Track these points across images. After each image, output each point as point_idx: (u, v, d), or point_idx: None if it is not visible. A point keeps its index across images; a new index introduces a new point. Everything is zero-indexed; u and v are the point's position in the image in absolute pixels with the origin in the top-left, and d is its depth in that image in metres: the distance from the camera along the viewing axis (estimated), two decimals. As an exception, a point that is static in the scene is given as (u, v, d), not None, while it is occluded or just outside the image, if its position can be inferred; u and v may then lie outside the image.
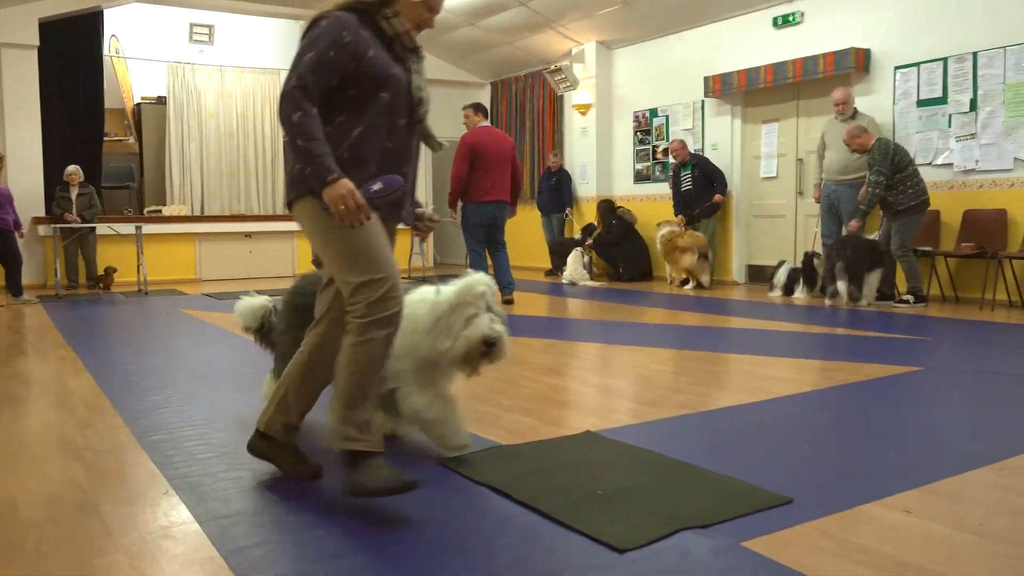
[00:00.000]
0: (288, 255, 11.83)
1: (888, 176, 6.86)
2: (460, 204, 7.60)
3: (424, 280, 9.84)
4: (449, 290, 2.64)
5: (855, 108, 7.63)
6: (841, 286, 7.02)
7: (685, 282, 9.09)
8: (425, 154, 13.06)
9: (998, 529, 2.08)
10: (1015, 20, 6.80)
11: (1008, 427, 3.11)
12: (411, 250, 11.77)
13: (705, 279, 8.90)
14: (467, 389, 3.90)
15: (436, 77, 12.89)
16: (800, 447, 2.90)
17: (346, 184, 2.17)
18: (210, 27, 12.82)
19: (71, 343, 5.62)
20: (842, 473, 2.56)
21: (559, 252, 10.85)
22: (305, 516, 2.24)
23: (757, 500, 2.27)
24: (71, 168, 9.88)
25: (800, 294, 7.86)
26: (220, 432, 3.15)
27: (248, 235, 11.59)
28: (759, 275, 9.51)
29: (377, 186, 2.25)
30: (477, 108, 7.59)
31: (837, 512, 2.19)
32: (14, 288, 8.46)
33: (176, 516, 2.28)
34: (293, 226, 11.62)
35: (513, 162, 7.52)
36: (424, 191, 13.13)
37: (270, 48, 13.24)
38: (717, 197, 9.10)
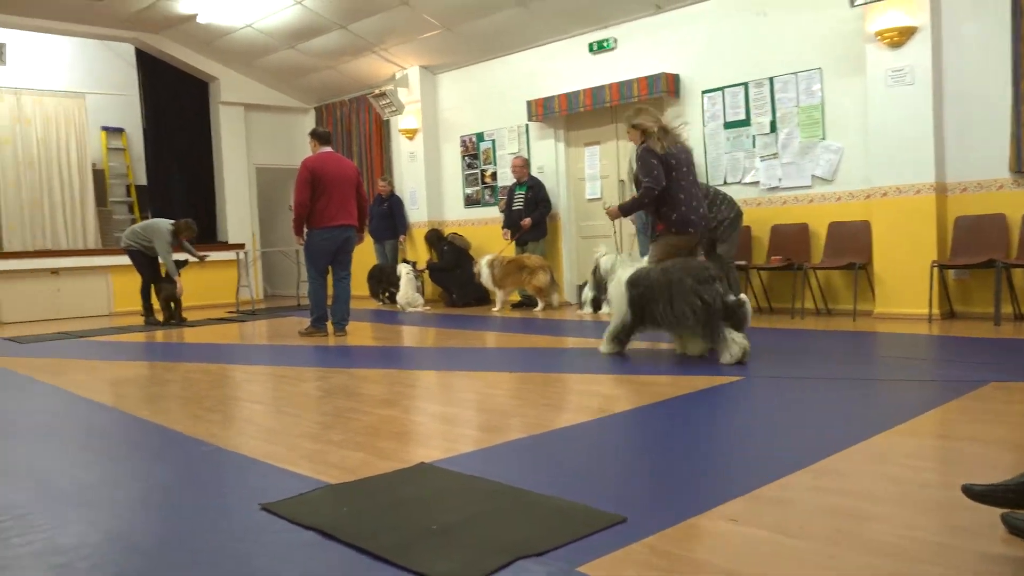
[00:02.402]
0: (103, 291, 11.01)
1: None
2: (305, 230, 7.33)
3: (253, 314, 9.42)
4: None
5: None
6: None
7: (519, 305, 9.18)
8: (250, 180, 12.61)
9: (817, 530, 2.17)
10: (803, 48, 7.37)
11: (822, 429, 3.29)
12: (239, 282, 11.27)
13: (555, 299, 9.04)
14: (296, 425, 3.72)
15: (257, 102, 12.52)
16: (632, 463, 2.94)
17: None
18: (1, 46, 11.83)
19: None
20: (672, 487, 2.62)
21: (379, 278, 10.73)
22: (110, 581, 2.03)
23: (592, 521, 2.27)
24: None
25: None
26: (15, 491, 2.83)
27: (55, 272, 10.70)
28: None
29: None
30: (318, 135, 7.38)
31: (668, 527, 2.21)
32: None
33: (-45, 596, 2.01)
34: (106, 260, 10.92)
35: (358, 188, 7.35)
36: (250, 220, 12.65)
37: (72, 70, 12.38)
38: (525, 221, 9.26)
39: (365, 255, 11.39)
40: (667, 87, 8.20)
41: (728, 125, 7.96)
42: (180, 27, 10.91)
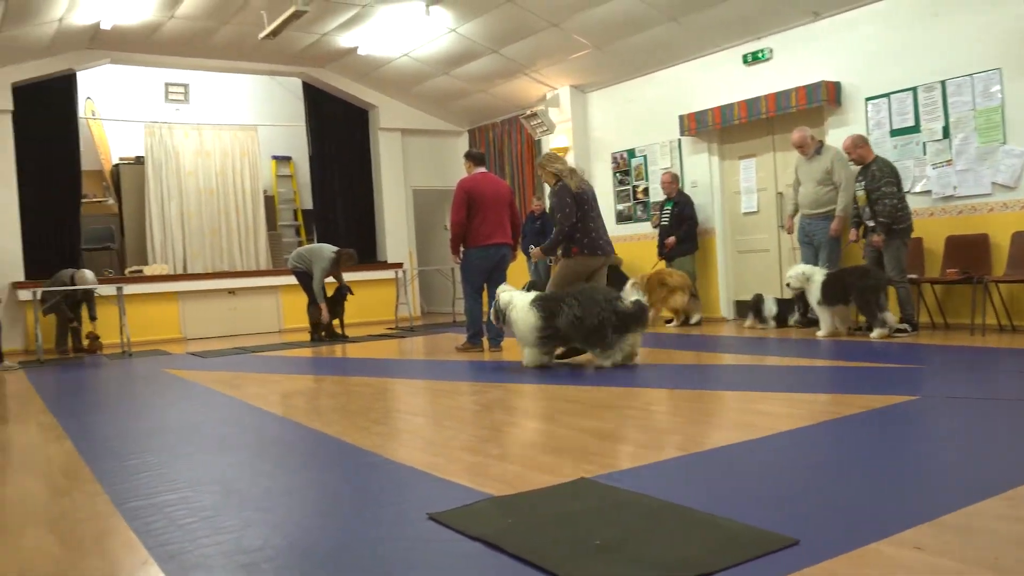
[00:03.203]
0: (273, 310, 11.72)
1: (900, 188, 6.91)
2: (462, 249, 7.54)
3: (411, 330, 9.74)
4: None
5: (820, 142, 7.75)
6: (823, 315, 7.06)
7: (669, 321, 9.06)
8: (407, 202, 13.08)
9: (1013, 563, 2.01)
10: (979, 48, 6.90)
11: (1012, 454, 3.05)
12: (397, 300, 11.69)
13: (695, 316, 8.90)
14: (456, 438, 3.81)
15: (413, 127, 13.00)
16: (802, 485, 2.82)
17: None
18: (185, 86, 12.90)
19: (52, 409, 5.49)
20: (848, 510, 2.48)
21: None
22: (291, 582, 2.14)
23: (762, 543, 2.19)
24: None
25: (792, 323, 7.97)
26: (203, 496, 3.04)
27: (232, 291, 11.49)
28: (747, 310, 9.51)
29: None
30: (472, 156, 7.60)
31: (846, 552, 2.10)
32: (-7, 355, 8.31)
33: (155, 588, 2.17)
34: (277, 280, 11.62)
35: (511, 206, 7.50)
36: (408, 240, 13.11)
37: (246, 105, 13.31)
38: (669, 241, 9.13)
39: (519, 272, 11.56)
40: (827, 95, 7.89)
41: (895, 132, 7.56)
42: (342, 60, 11.51)
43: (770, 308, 8.11)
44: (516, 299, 6.09)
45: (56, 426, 4.81)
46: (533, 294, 6.15)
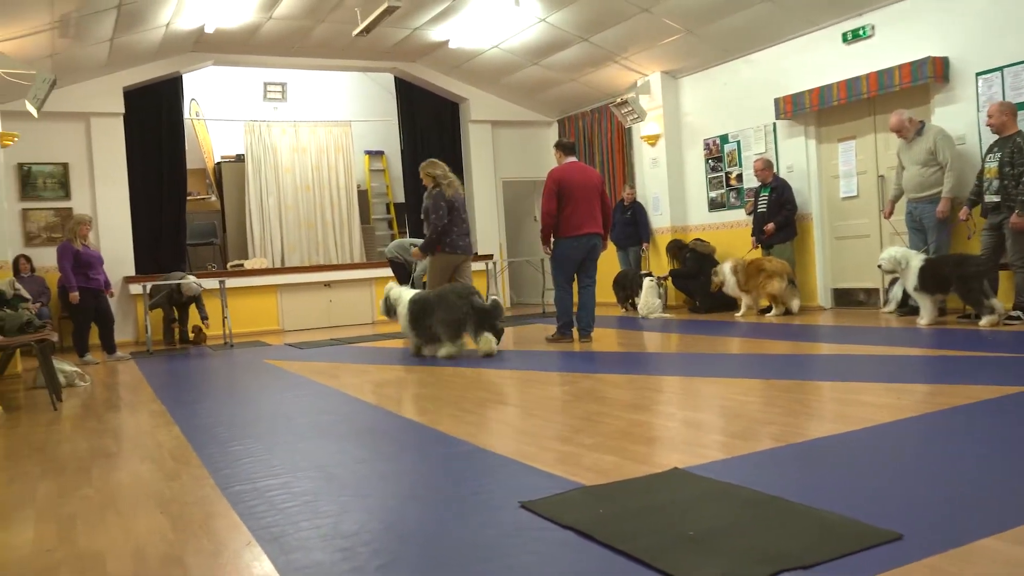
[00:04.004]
0: (367, 302, 11.98)
1: None
2: (552, 239, 7.55)
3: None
4: None
5: (921, 122, 7.42)
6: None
7: (767, 309, 8.84)
8: (497, 193, 13.15)
9: None
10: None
11: None
12: (487, 291, 11.78)
13: (795, 304, 8.66)
14: (547, 428, 3.82)
15: (503, 118, 13.04)
16: (905, 478, 2.71)
17: None
18: (283, 85, 13.29)
19: (161, 397, 5.75)
20: (954, 505, 2.38)
21: (623, 284, 10.69)
22: (391, 568, 2.19)
23: (862, 537, 2.12)
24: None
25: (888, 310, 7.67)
26: (302, 481, 3.14)
27: (328, 284, 11.79)
28: (846, 298, 9.20)
29: None
30: (563, 146, 7.59)
31: (952, 548, 2.02)
32: (108, 346, 8.75)
33: (259, 567, 2.25)
34: (371, 273, 11.87)
35: (602, 196, 7.45)
36: (498, 231, 13.18)
37: (340, 101, 13.63)
38: (768, 227, 8.90)
39: (609, 262, 11.49)
40: (934, 72, 7.54)
41: (1008, 109, 7.16)
42: (433, 54, 11.64)
43: (896, 291, 7.78)
44: (402, 296, 7.19)
45: (165, 413, 5.04)
46: (413, 292, 7.20)
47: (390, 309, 7.31)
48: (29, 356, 8.30)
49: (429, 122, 12.95)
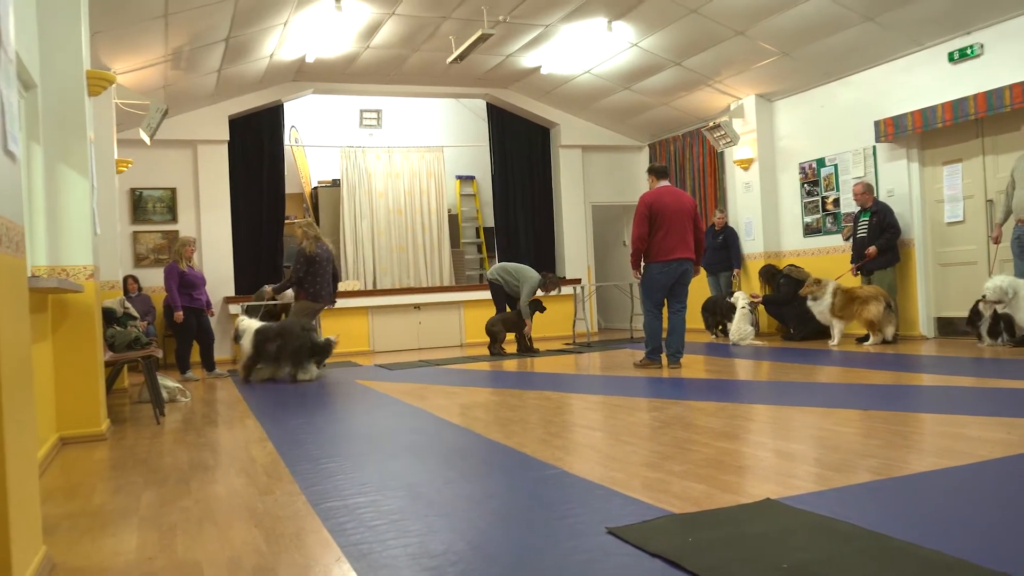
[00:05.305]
0: (456, 324, 12.10)
1: None
2: (643, 264, 7.48)
3: (588, 346, 9.76)
4: None
5: None
6: None
7: (864, 338, 8.53)
8: (586, 218, 13.14)
9: None
10: None
11: None
12: (575, 316, 11.75)
13: (890, 331, 8.34)
14: (635, 454, 3.77)
15: (593, 143, 13.06)
16: (1015, 517, 2.56)
17: None
18: (378, 112, 13.62)
19: (256, 414, 5.93)
20: (1071, 547, 2.23)
21: (713, 310, 10.50)
22: (472, 586, 2.19)
23: (970, 577, 2.01)
24: None
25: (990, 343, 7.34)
26: (391, 499, 3.17)
27: (417, 307, 11.97)
28: (950, 328, 8.81)
29: None
30: (655, 170, 7.54)
31: (1070, 593, 1.89)
32: (208, 363, 9.08)
33: (347, 584, 2.28)
34: (460, 296, 12.01)
35: (695, 220, 7.36)
36: (586, 256, 13.16)
37: (433, 127, 13.88)
38: (870, 250, 8.59)
39: (699, 287, 11.32)
40: (1047, 92, 7.20)
41: None
42: (525, 79, 11.76)
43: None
44: (250, 327, 8.15)
45: (259, 429, 5.19)
46: (258, 324, 8.23)
47: (237, 337, 8.33)
48: (135, 372, 8.69)
49: (520, 147, 13.07)
